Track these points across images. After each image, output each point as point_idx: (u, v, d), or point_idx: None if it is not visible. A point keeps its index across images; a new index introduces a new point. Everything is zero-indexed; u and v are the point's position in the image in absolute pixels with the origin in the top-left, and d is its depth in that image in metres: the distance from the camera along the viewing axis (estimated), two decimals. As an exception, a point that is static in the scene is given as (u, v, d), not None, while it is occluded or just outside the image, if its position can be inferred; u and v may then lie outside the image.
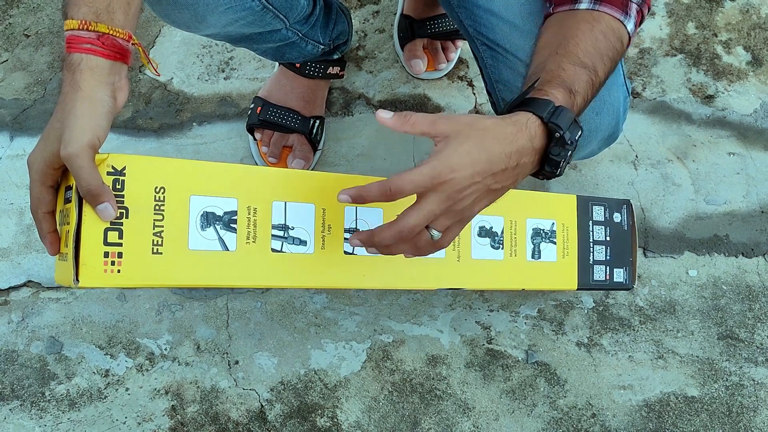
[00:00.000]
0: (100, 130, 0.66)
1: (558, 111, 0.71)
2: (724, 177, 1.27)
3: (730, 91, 1.33)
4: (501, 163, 0.69)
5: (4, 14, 1.30)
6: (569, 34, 0.78)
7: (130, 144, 1.20)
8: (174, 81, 1.26)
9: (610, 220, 1.03)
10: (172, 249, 0.73)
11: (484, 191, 0.70)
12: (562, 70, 0.75)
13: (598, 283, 1.01)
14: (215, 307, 1.13)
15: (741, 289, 1.21)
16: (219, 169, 0.77)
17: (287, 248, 0.79)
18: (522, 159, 0.70)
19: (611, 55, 0.78)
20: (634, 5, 0.80)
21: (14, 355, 1.09)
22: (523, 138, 0.70)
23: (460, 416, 1.11)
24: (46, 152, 0.67)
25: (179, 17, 0.85)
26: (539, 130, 0.71)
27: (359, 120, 1.26)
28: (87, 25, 0.67)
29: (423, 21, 1.26)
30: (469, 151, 0.68)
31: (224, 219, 0.76)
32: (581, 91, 0.74)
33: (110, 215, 0.68)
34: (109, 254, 0.70)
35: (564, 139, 0.71)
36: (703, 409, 1.14)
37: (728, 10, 1.39)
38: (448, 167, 0.67)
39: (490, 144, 0.68)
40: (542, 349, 1.16)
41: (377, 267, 0.84)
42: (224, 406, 1.09)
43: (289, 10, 0.94)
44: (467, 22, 0.93)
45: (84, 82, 0.66)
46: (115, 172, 0.71)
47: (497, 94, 0.93)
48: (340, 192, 0.71)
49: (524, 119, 0.71)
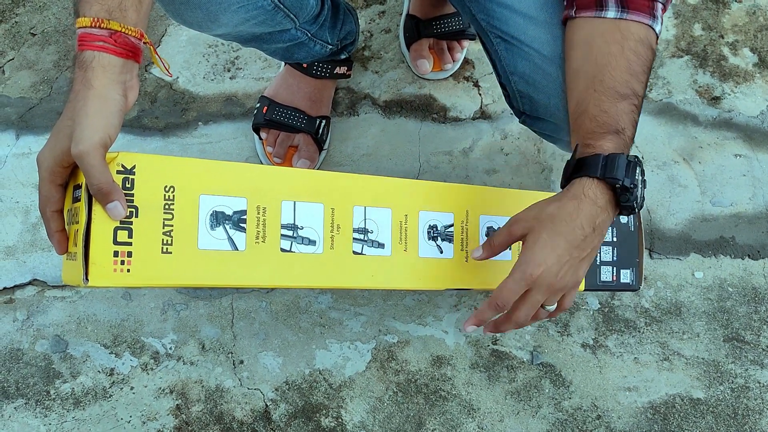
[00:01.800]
0: (111, 128, 0.66)
1: (610, 161, 0.75)
2: (731, 179, 1.27)
3: (736, 93, 1.33)
4: (578, 237, 0.75)
5: (11, 13, 1.30)
6: (602, 61, 0.79)
7: (135, 143, 1.20)
8: (180, 80, 1.26)
9: (616, 221, 1.03)
10: (182, 248, 0.73)
11: (577, 262, 0.76)
12: (604, 113, 0.78)
13: (605, 284, 1.01)
14: (220, 306, 1.13)
15: (747, 291, 1.21)
16: (228, 169, 0.76)
17: (296, 248, 0.79)
18: (596, 221, 0.76)
19: (645, 69, 0.80)
20: (660, 4, 0.81)
21: (19, 354, 1.09)
22: (587, 206, 0.75)
23: (464, 417, 1.11)
24: (56, 150, 0.67)
25: (192, 16, 0.85)
26: (599, 189, 0.76)
27: (364, 120, 1.26)
28: (99, 23, 0.66)
29: (429, 21, 1.26)
30: (546, 243, 0.74)
31: (234, 218, 0.76)
32: (628, 124, 0.78)
33: (120, 214, 0.68)
34: (119, 253, 0.69)
35: (625, 187, 0.75)
36: (709, 411, 1.14)
37: (735, 11, 1.39)
38: (535, 264, 0.74)
39: (561, 227, 0.74)
40: (547, 351, 1.16)
41: (385, 268, 0.84)
42: (229, 406, 1.09)
43: (299, 10, 0.94)
44: (480, 15, 0.92)
45: (96, 80, 0.66)
46: (125, 171, 0.70)
47: (512, 86, 0.93)
48: (465, 326, 0.80)
49: (580, 188, 0.76)
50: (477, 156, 1.25)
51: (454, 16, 1.26)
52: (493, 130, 1.27)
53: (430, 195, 0.88)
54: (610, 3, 0.80)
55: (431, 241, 0.87)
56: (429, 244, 0.87)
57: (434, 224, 0.88)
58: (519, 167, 1.24)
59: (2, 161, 1.18)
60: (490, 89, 1.30)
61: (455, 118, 1.28)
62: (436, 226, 0.88)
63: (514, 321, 0.78)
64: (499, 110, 1.29)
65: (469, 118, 1.28)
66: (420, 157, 1.24)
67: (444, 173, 1.23)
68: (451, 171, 1.23)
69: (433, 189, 0.89)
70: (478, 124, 1.28)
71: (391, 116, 1.27)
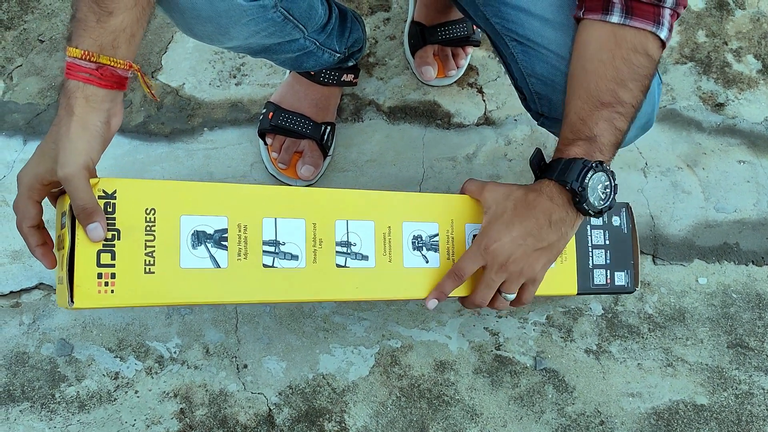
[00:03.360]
0: (93, 152, 0.70)
1: (566, 165, 0.81)
2: (734, 185, 1.27)
3: (740, 99, 1.33)
4: (533, 226, 0.81)
5: (19, 20, 1.31)
6: (591, 68, 0.83)
7: (141, 148, 1.21)
8: (186, 86, 1.27)
9: (608, 223, 1.03)
10: (164, 268, 0.75)
11: (532, 251, 0.82)
12: (580, 121, 0.82)
13: (599, 287, 1.02)
14: (224, 310, 1.14)
15: (751, 298, 1.21)
16: (208, 189, 0.79)
17: (279, 263, 0.81)
18: (552, 216, 0.82)
19: (636, 77, 0.82)
20: (667, 10, 0.81)
21: (25, 357, 1.09)
22: (543, 200, 0.82)
23: (467, 422, 1.11)
24: (39, 168, 0.70)
25: (202, 30, 0.86)
26: (556, 189, 0.82)
27: (369, 126, 1.27)
28: (90, 56, 0.70)
29: (434, 28, 1.26)
30: (504, 221, 0.82)
31: (215, 237, 0.78)
32: (604, 131, 0.82)
33: (100, 236, 0.71)
34: (103, 275, 0.72)
35: (574, 190, 0.80)
36: (712, 417, 1.14)
37: (739, 18, 1.39)
38: (490, 238, 0.82)
39: (520, 212, 0.82)
40: (551, 356, 1.16)
41: (369, 279, 0.86)
42: (232, 410, 1.09)
43: (308, 20, 0.94)
44: (494, 20, 0.93)
45: (78, 107, 0.69)
46: (105, 196, 0.73)
47: (530, 89, 0.94)
48: (428, 301, 0.85)
49: (540, 186, 0.83)
50: (481, 162, 1.26)
51: (459, 22, 1.26)
52: (496, 136, 1.28)
53: (413, 206, 0.89)
54: (616, 8, 0.81)
55: (416, 251, 0.89)
56: (414, 255, 0.88)
57: (419, 234, 0.89)
58: (522, 173, 1.25)
59: (10, 166, 1.19)
60: (494, 96, 1.31)
61: (459, 124, 1.28)
62: (420, 236, 0.89)
63: (472, 300, 0.86)
64: (502, 116, 1.29)
65: (473, 124, 1.29)
66: (424, 163, 1.24)
67: (448, 179, 1.24)
68: (455, 177, 1.24)
69: (417, 200, 0.90)
70: (481, 130, 1.28)
71: (396, 122, 1.27)
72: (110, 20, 0.70)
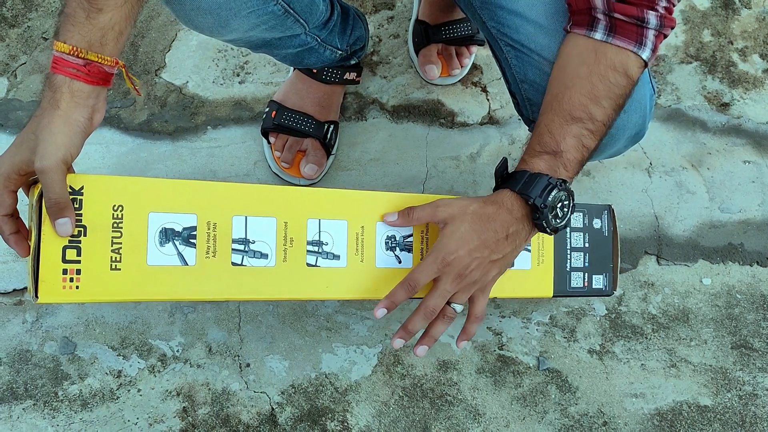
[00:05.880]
0: (73, 147, 0.70)
1: (530, 179, 0.80)
2: (739, 185, 1.27)
3: (745, 99, 1.32)
4: (491, 238, 0.81)
5: (23, 17, 1.31)
6: (568, 82, 0.82)
7: (145, 146, 1.21)
8: (189, 85, 1.27)
9: (589, 226, 1.03)
10: (131, 265, 0.76)
11: (488, 262, 0.82)
12: (548, 134, 0.82)
13: (576, 290, 1.01)
14: (227, 309, 1.14)
15: (755, 298, 1.20)
16: (178, 186, 0.79)
17: (248, 261, 0.81)
18: (510, 229, 0.82)
19: (611, 95, 0.81)
20: (652, 31, 0.80)
21: (28, 355, 1.09)
22: (503, 213, 0.81)
23: (470, 422, 1.11)
24: (17, 158, 0.71)
25: (202, 22, 0.86)
26: (516, 202, 0.82)
27: (372, 125, 1.27)
28: (78, 52, 0.70)
29: (438, 26, 1.26)
30: (462, 235, 0.81)
31: (183, 234, 0.78)
32: (571, 147, 0.81)
33: (68, 231, 0.72)
34: (68, 271, 0.73)
35: (536, 206, 0.80)
36: (716, 418, 1.13)
37: (744, 17, 1.38)
38: (449, 251, 0.80)
39: (478, 225, 0.81)
40: (554, 356, 1.15)
41: (341, 278, 0.86)
42: (235, 409, 1.09)
43: (309, 15, 0.95)
44: (490, 23, 0.93)
45: (63, 102, 0.70)
46: (73, 192, 0.74)
47: (522, 94, 0.94)
48: (376, 310, 0.82)
49: (501, 197, 0.82)
50: (484, 161, 1.25)
51: (463, 21, 1.26)
52: (500, 135, 1.27)
53: (388, 206, 0.89)
54: (600, 24, 0.81)
55: (389, 252, 0.89)
56: (387, 255, 0.88)
57: (392, 235, 0.89)
58: (526, 173, 1.24)
59: (13, 164, 1.20)
60: (498, 95, 1.30)
61: (463, 123, 1.28)
62: (394, 237, 0.89)
63: (423, 310, 0.83)
64: (506, 116, 1.29)
65: (476, 123, 1.28)
66: (427, 162, 1.24)
67: (451, 178, 1.23)
68: (458, 176, 1.24)
69: (392, 200, 0.89)
70: (485, 130, 1.28)
71: (399, 121, 1.27)
72: (99, 17, 0.70)
